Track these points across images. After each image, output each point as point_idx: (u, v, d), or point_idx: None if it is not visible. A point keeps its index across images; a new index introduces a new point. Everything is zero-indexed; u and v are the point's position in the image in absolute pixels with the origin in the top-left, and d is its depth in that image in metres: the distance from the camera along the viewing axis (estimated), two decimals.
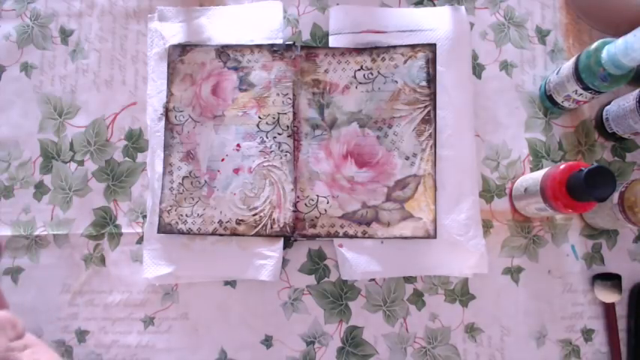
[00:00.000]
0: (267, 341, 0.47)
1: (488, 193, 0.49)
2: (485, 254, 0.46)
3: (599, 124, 0.49)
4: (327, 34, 0.51)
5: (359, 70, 0.48)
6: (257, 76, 0.49)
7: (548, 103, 0.49)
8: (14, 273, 0.48)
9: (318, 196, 0.47)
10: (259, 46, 0.49)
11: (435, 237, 0.46)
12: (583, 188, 0.38)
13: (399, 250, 0.47)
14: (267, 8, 0.51)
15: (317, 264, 0.48)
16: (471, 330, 0.47)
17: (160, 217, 0.47)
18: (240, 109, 0.48)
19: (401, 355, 0.46)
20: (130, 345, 0.47)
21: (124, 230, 0.49)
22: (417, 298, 0.47)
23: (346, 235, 0.46)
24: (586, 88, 0.44)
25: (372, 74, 0.48)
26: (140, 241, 0.48)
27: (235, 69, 0.49)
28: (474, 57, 0.51)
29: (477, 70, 0.51)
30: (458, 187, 0.47)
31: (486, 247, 0.46)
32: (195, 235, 0.47)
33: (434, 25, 0.49)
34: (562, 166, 0.41)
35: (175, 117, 0.48)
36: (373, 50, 0.49)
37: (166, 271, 0.46)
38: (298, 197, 0.47)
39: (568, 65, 0.45)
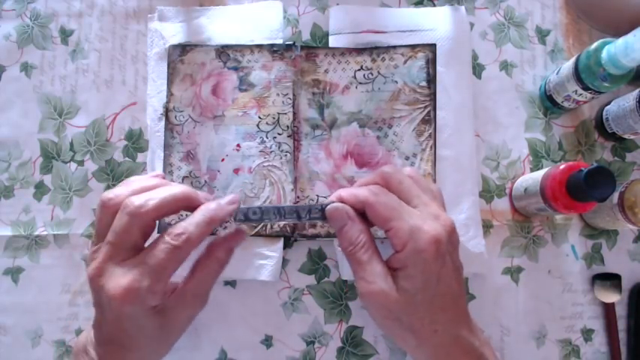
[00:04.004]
0: (267, 341, 0.47)
1: (488, 193, 0.49)
2: (485, 254, 0.46)
3: (599, 124, 0.49)
4: (327, 34, 0.51)
5: (359, 70, 0.48)
6: (257, 76, 0.49)
7: (548, 103, 0.49)
8: (14, 273, 0.48)
9: (318, 196, 0.47)
10: (259, 46, 0.49)
11: None
12: (583, 188, 0.38)
13: None
14: (267, 8, 0.51)
15: (317, 264, 0.48)
16: None
17: None
18: (240, 109, 0.48)
19: (401, 356, 0.46)
20: None
21: None
22: None
23: None
24: (586, 88, 0.44)
25: (372, 74, 0.48)
26: None
27: (235, 69, 0.49)
28: (474, 57, 0.51)
29: (477, 70, 0.51)
30: (458, 187, 0.47)
31: (486, 247, 0.46)
32: None
33: (434, 25, 0.49)
34: (562, 166, 0.41)
35: (175, 117, 0.48)
36: (373, 50, 0.49)
37: None
38: (298, 197, 0.47)
39: (568, 65, 0.45)
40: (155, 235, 0.37)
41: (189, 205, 0.37)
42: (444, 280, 0.34)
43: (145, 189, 0.36)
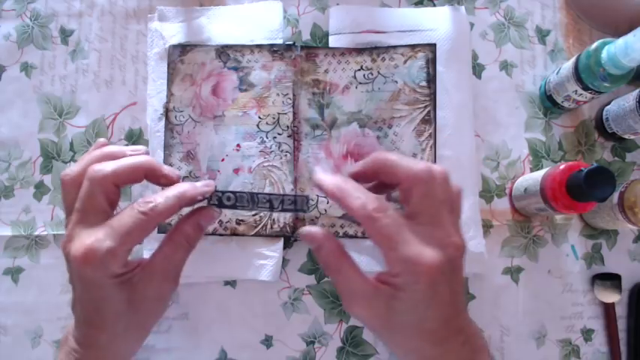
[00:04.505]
0: (267, 341, 0.47)
1: (488, 193, 0.49)
2: (485, 254, 0.46)
3: (599, 124, 0.49)
4: (327, 34, 0.51)
5: (359, 70, 0.48)
6: (257, 76, 0.49)
7: (548, 103, 0.49)
8: (14, 273, 0.48)
9: (318, 196, 0.47)
10: (259, 46, 0.49)
11: None
12: (583, 188, 0.38)
13: None
14: (267, 8, 0.51)
15: (317, 264, 0.48)
16: None
17: None
18: (240, 109, 0.48)
19: None
20: None
21: None
22: None
23: (346, 235, 0.46)
24: (586, 88, 0.44)
25: (372, 74, 0.48)
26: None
27: (235, 69, 0.49)
28: (474, 57, 0.51)
29: (477, 70, 0.51)
30: None
31: (486, 247, 0.46)
32: None
33: (434, 25, 0.49)
34: (562, 166, 0.41)
35: (175, 117, 0.48)
36: (373, 50, 0.49)
37: None
38: None
39: (568, 65, 0.45)
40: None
41: (151, 175, 0.37)
42: (434, 307, 0.33)
43: (101, 157, 0.37)
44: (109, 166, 0.36)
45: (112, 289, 0.35)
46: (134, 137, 0.50)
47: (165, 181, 0.39)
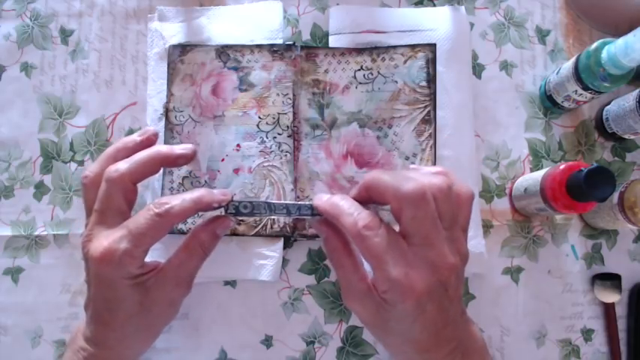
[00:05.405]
0: (267, 341, 0.47)
1: (488, 193, 0.49)
2: (485, 254, 0.46)
3: (599, 124, 0.49)
4: (327, 34, 0.51)
5: (359, 70, 0.48)
6: (257, 76, 0.49)
7: (548, 103, 0.49)
8: (14, 273, 0.48)
9: None
10: (259, 46, 0.49)
11: None
12: (583, 188, 0.38)
13: None
14: (267, 8, 0.51)
15: (317, 264, 0.48)
16: None
17: None
18: (240, 109, 0.48)
19: None
20: None
21: None
22: None
23: None
24: (586, 88, 0.44)
25: (372, 74, 0.48)
26: None
27: (235, 69, 0.49)
28: (474, 57, 0.51)
29: (477, 70, 0.51)
30: None
31: (486, 247, 0.46)
32: None
33: (434, 25, 0.49)
34: (562, 166, 0.41)
35: (175, 117, 0.48)
36: (373, 50, 0.49)
37: None
38: (298, 197, 0.47)
39: (568, 65, 0.45)
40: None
41: (166, 162, 0.39)
42: (420, 322, 0.32)
43: (114, 152, 0.39)
44: (124, 166, 0.37)
45: (127, 290, 0.36)
46: None
47: (183, 161, 0.40)
